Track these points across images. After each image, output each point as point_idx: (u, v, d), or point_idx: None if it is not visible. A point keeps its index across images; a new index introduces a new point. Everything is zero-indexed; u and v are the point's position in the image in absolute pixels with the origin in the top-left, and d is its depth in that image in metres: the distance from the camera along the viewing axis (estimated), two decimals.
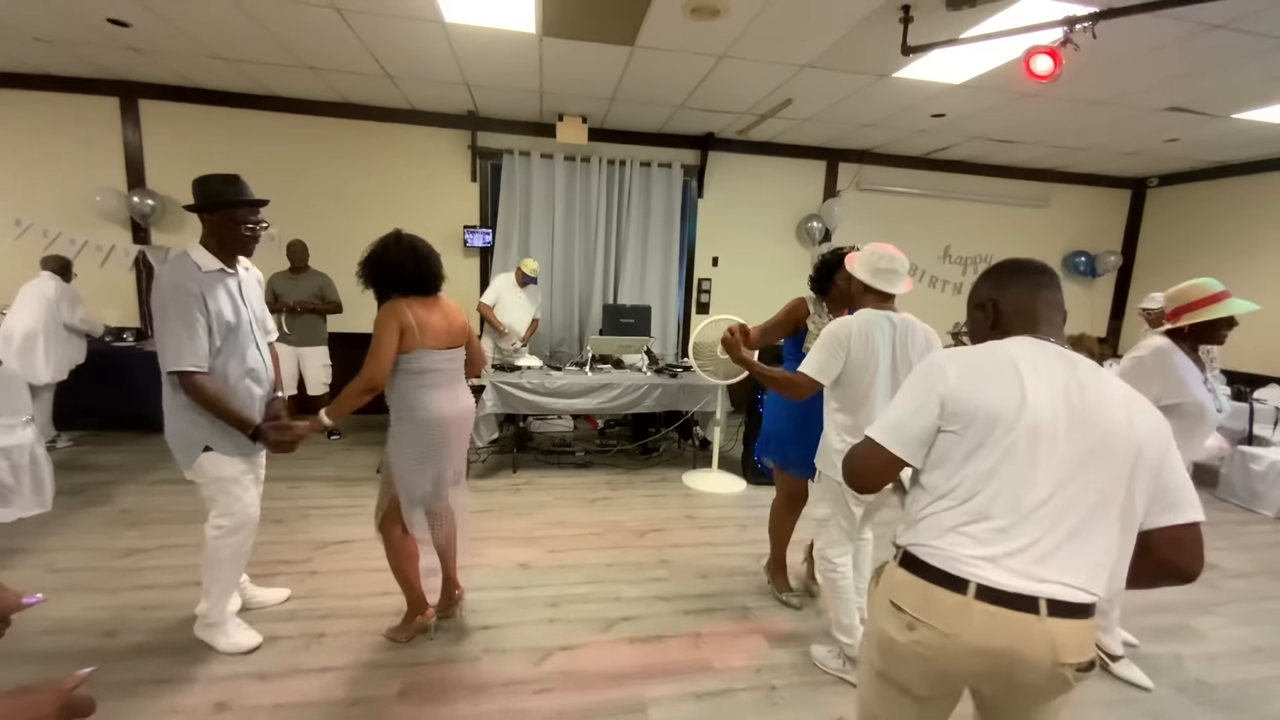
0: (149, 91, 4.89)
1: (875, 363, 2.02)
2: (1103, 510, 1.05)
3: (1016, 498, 1.05)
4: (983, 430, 1.09)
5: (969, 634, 1.03)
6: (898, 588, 1.13)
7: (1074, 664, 1.02)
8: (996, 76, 3.75)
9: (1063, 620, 1.01)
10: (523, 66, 4.08)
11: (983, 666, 1.04)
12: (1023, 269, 1.24)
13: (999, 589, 1.02)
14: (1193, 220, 6.22)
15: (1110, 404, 1.08)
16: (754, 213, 6.04)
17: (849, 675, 2.20)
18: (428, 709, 1.96)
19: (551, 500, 3.85)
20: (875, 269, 2.09)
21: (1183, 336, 2.14)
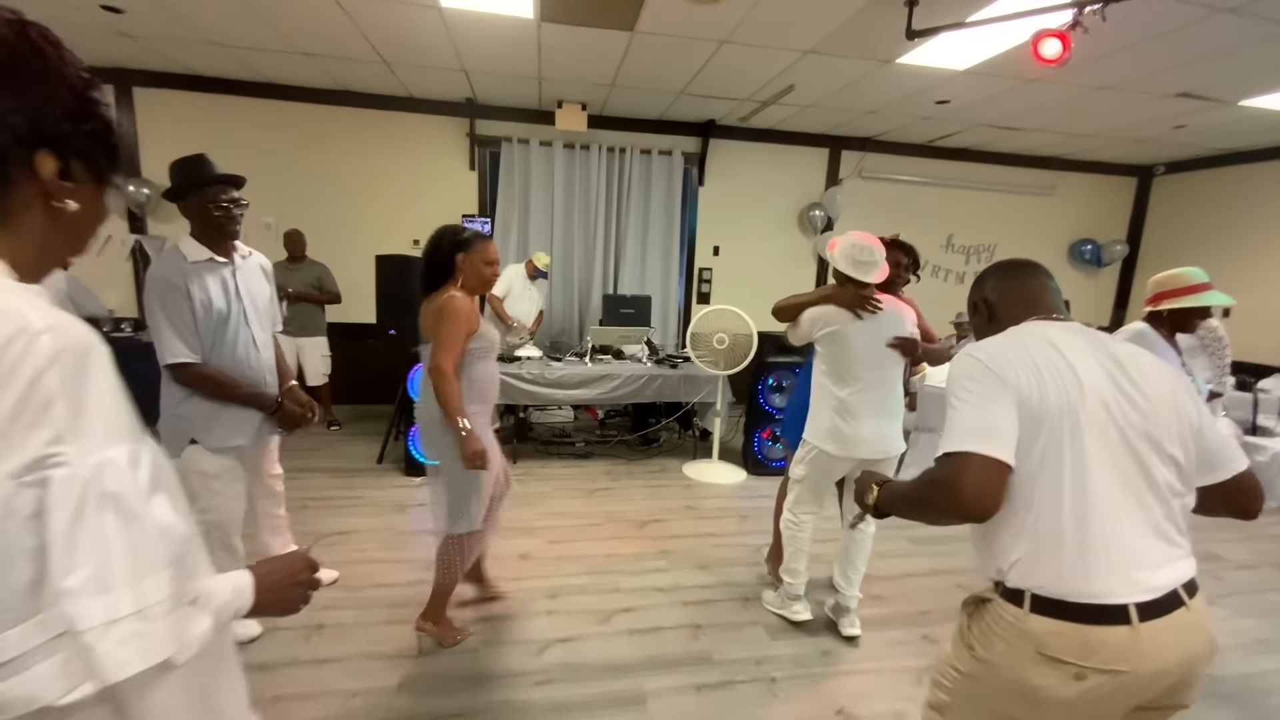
0: (143, 79, 4.83)
1: (850, 344, 2.23)
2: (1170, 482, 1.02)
3: (1118, 496, 0.96)
4: (1058, 425, 0.98)
5: (1146, 662, 0.92)
6: (1047, 638, 0.95)
7: (1215, 641, 0.99)
8: (1003, 61, 3.69)
9: (1198, 598, 0.98)
10: (521, 52, 4.02)
11: (1163, 686, 0.95)
12: (1009, 265, 1.27)
13: (1150, 600, 0.93)
14: (1199, 208, 6.15)
15: (1151, 374, 1.06)
16: (755, 201, 5.98)
17: (787, 613, 2.47)
18: (427, 700, 1.96)
19: (551, 491, 3.84)
20: (855, 260, 2.24)
21: (1161, 321, 2.22)
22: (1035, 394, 0.99)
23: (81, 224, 0.68)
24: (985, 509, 0.96)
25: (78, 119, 0.64)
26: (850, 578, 2.39)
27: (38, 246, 0.64)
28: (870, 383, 2.23)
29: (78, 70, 0.66)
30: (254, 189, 5.71)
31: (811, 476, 2.37)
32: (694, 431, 4.92)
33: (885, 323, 2.25)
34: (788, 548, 2.46)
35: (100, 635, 0.54)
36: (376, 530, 3.17)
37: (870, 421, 2.23)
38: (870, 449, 2.25)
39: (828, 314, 2.26)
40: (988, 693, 1.04)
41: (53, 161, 0.62)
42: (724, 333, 4.14)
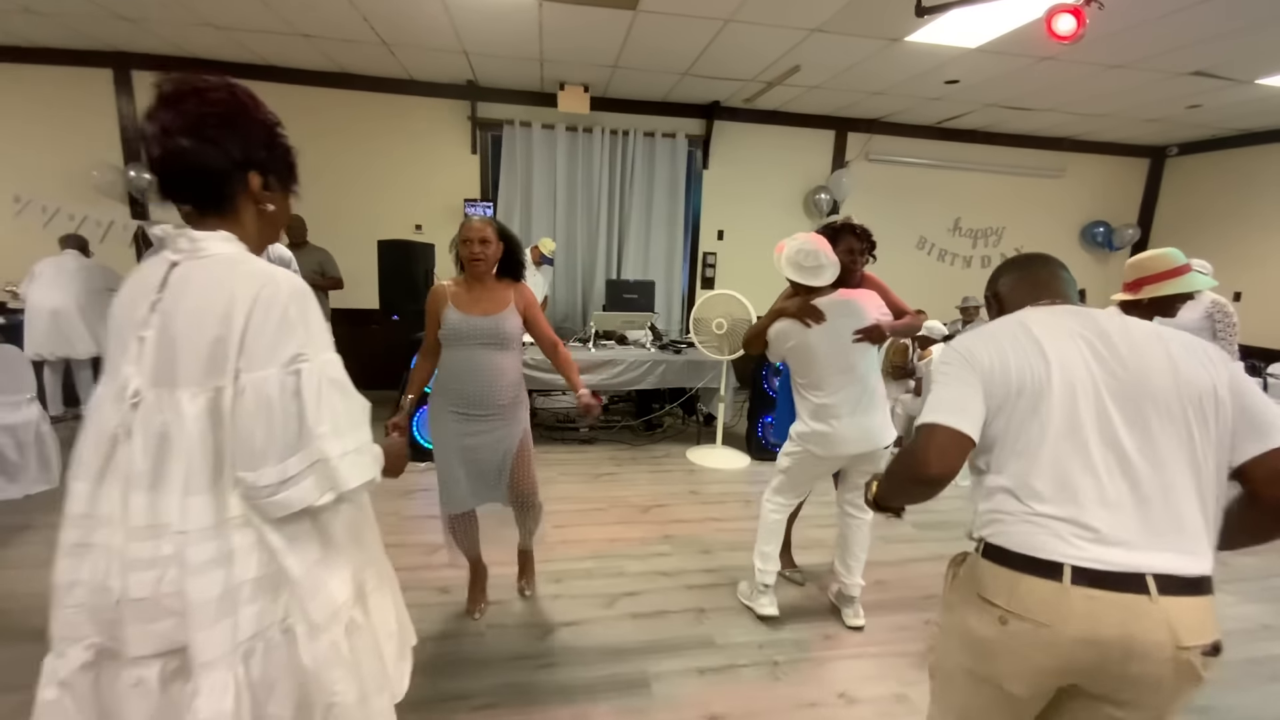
0: (142, 62, 4.78)
1: (816, 351, 2.21)
2: (1176, 462, 0.96)
3: (1080, 464, 0.97)
4: (1019, 402, 1.03)
5: (1070, 624, 0.92)
6: (984, 580, 1.02)
7: (1199, 647, 0.90)
8: (1014, 39, 3.61)
9: (1179, 598, 0.90)
10: (522, 33, 3.96)
11: (1090, 660, 0.93)
12: (1018, 259, 1.28)
13: (1097, 569, 0.91)
14: (1213, 190, 6.05)
15: (1142, 344, 1.02)
16: (760, 184, 5.92)
17: (755, 606, 2.41)
18: (434, 682, 1.98)
19: (555, 476, 3.85)
20: (800, 266, 2.21)
21: (1139, 307, 2.13)
22: (998, 375, 1.05)
23: (277, 219, 1.03)
24: (942, 473, 1.03)
25: (270, 148, 0.99)
26: (850, 565, 2.38)
27: (254, 234, 0.98)
28: (843, 383, 2.20)
29: (267, 115, 1.01)
30: None
31: (794, 472, 2.37)
32: (697, 417, 4.92)
33: (844, 319, 2.20)
34: (762, 529, 2.43)
35: (339, 461, 0.88)
36: (381, 515, 3.15)
37: (851, 419, 2.20)
38: (855, 446, 2.22)
39: (784, 330, 2.26)
40: (953, 646, 1.10)
41: (258, 178, 0.97)
42: (723, 317, 4.12)
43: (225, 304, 0.85)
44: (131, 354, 0.87)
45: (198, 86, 0.92)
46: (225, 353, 0.85)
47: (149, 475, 0.85)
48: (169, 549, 0.84)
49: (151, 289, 0.89)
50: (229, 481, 0.87)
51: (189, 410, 0.85)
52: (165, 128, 0.90)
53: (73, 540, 0.88)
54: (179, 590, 0.84)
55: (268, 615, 0.90)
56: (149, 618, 0.85)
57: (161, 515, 0.85)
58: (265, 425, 0.85)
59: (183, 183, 0.93)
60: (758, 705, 1.96)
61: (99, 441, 0.88)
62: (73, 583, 0.88)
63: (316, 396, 0.87)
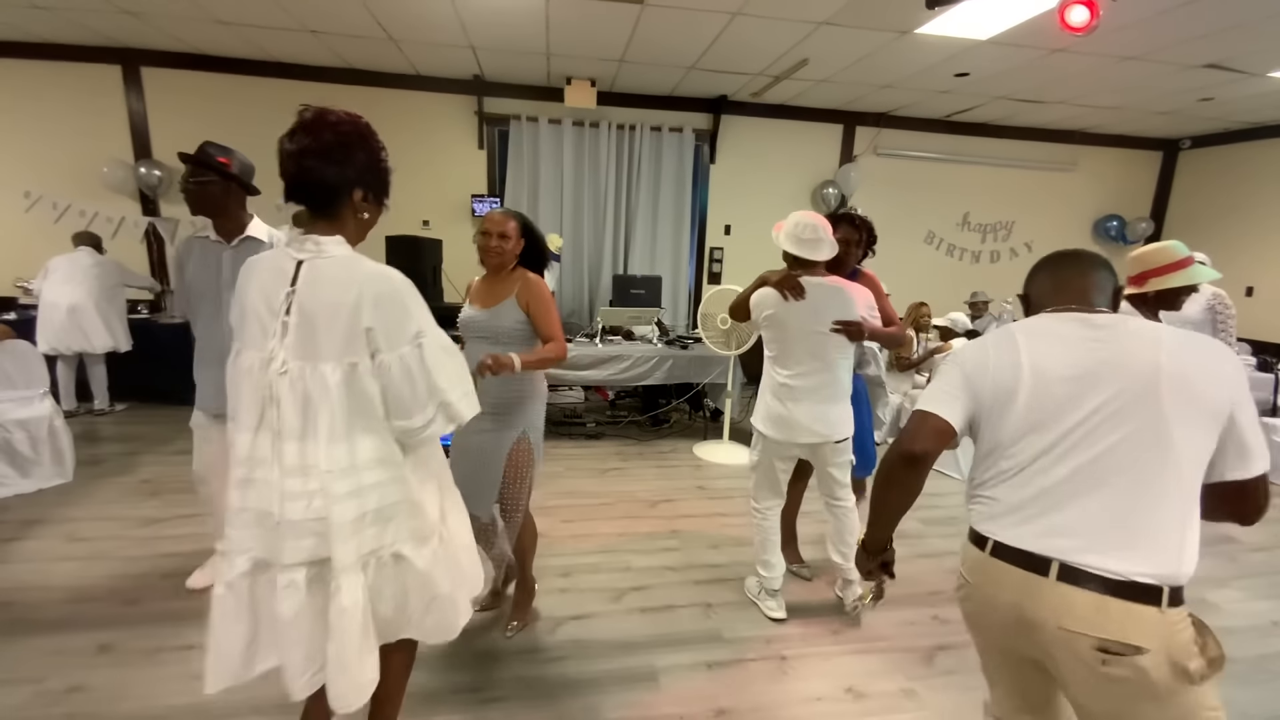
0: (151, 59, 4.81)
1: (789, 327, 2.21)
2: (1143, 472, 0.99)
3: (1035, 463, 1.08)
4: (995, 404, 1.14)
5: (984, 585, 1.12)
6: (962, 551, 1.22)
7: (1085, 635, 0.97)
8: (1026, 31, 3.57)
9: (1080, 589, 0.98)
10: (529, 27, 3.95)
11: (1000, 621, 1.11)
12: (1053, 257, 1.27)
13: (1009, 546, 1.08)
14: (1226, 184, 5.98)
15: (1130, 354, 1.04)
16: (768, 179, 5.89)
17: (763, 605, 2.41)
18: (443, 675, 1.99)
19: (563, 470, 3.86)
20: (799, 239, 2.18)
21: (1144, 301, 2.07)
22: (983, 383, 1.16)
23: (369, 224, 1.29)
24: (923, 450, 1.17)
25: (374, 171, 1.23)
26: (844, 552, 2.39)
27: (351, 234, 1.23)
28: (811, 367, 2.19)
29: (376, 144, 1.23)
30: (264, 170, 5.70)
31: (762, 463, 2.36)
32: (704, 412, 4.91)
33: (826, 305, 2.16)
34: (756, 538, 2.43)
35: (457, 403, 1.22)
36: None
37: (809, 405, 2.20)
38: (808, 433, 2.21)
39: (764, 297, 2.24)
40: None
41: (360, 192, 1.21)
42: (725, 313, 4.10)
43: (355, 299, 1.12)
44: (276, 334, 1.14)
45: (330, 119, 1.17)
46: (359, 337, 1.13)
47: (299, 428, 1.13)
48: (316, 484, 1.13)
49: (284, 282, 1.15)
50: (359, 432, 1.16)
51: (331, 379, 1.13)
52: (302, 149, 1.15)
53: (239, 476, 1.17)
54: (324, 515, 1.13)
55: (381, 539, 1.21)
56: (299, 535, 1.15)
57: (309, 458, 1.13)
58: (410, 387, 1.16)
59: (307, 191, 1.17)
60: (765, 699, 1.97)
61: (253, 402, 1.16)
62: (242, 508, 1.17)
63: (436, 361, 1.18)
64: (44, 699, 1.83)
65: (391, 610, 1.26)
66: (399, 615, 1.27)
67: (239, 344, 1.20)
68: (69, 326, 4.17)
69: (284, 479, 1.13)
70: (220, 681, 1.21)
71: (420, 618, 1.29)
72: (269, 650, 1.23)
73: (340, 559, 1.15)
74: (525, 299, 1.97)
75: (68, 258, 4.27)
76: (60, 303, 4.14)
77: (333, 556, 1.15)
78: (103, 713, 1.79)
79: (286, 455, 1.13)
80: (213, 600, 1.20)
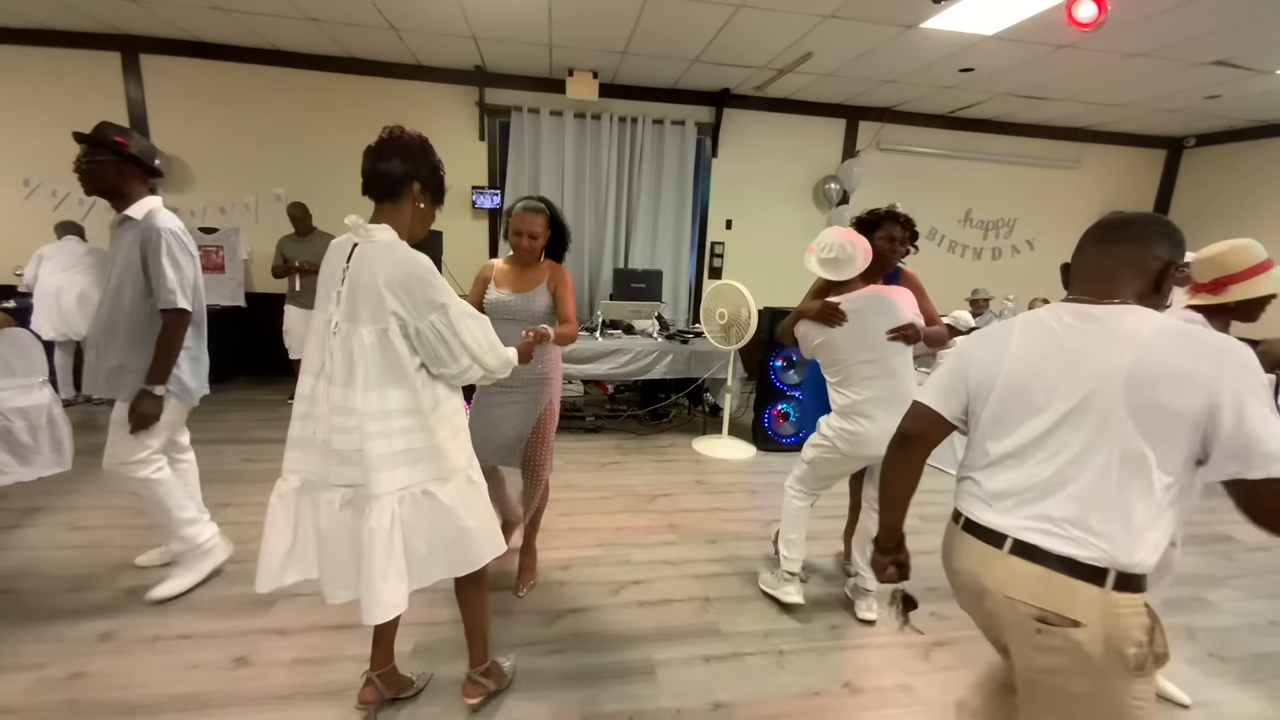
0: (150, 46, 4.77)
1: (838, 348, 2.20)
2: (1106, 473, 1.03)
3: (1007, 452, 1.16)
4: (979, 396, 1.23)
5: (954, 557, 1.25)
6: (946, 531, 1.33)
7: (1025, 603, 1.06)
8: (1033, 26, 3.54)
9: (1026, 562, 1.07)
10: (531, 18, 3.92)
11: (966, 586, 1.22)
12: (1099, 225, 1.19)
13: (976, 522, 1.18)
14: (1230, 183, 5.96)
15: (1105, 352, 1.05)
16: (770, 173, 5.87)
17: (779, 594, 2.39)
18: (440, 666, 2.00)
19: (561, 464, 3.86)
20: (822, 260, 2.20)
21: (1223, 312, 1.78)
22: (969, 372, 1.25)
23: (426, 218, 1.58)
24: (914, 433, 1.31)
25: (431, 170, 1.53)
26: (869, 557, 2.31)
27: (408, 223, 1.52)
28: (873, 381, 2.15)
29: (433, 155, 1.54)
30: (264, 158, 5.70)
31: (819, 465, 2.33)
32: (704, 407, 4.91)
33: (874, 318, 2.15)
34: (787, 516, 2.40)
35: (482, 356, 1.51)
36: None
37: (883, 419, 2.12)
38: (883, 446, 2.16)
39: (809, 331, 2.26)
40: None
41: (419, 187, 1.51)
42: (725, 308, 4.10)
43: (384, 279, 1.40)
44: (333, 301, 1.46)
45: (401, 131, 1.50)
46: (387, 309, 1.40)
47: (343, 376, 1.43)
48: (354, 422, 1.41)
49: (342, 259, 1.46)
50: (390, 385, 1.43)
51: (367, 340, 1.41)
52: (379, 147, 1.48)
53: (301, 410, 1.49)
54: (360, 448, 1.41)
55: (412, 477, 1.47)
56: (342, 462, 1.44)
57: (349, 401, 1.41)
58: (442, 345, 1.46)
59: (378, 179, 1.48)
60: (763, 694, 1.98)
61: (317, 353, 1.47)
62: (300, 436, 1.50)
63: (461, 323, 1.47)
64: (45, 686, 1.84)
65: (424, 543, 1.50)
66: (430, 549, 1.51)
67: (318, 305, 1.52)
68: (69, 312, 4.17)
69: (332, 415, 1.44)
70: (267, 583, 1.50)
71: (450, 549, 1.54)
72: (302, 563, 1.53)
73: (374, 487, 1.43)
74: (554, 284, 2.27)
75: (59, 245, 4.27)
76: (67, 288, 4.16)
77: (368, 484, 1.43)
78: (104, 700, 1.80)
79: (334, 397, 1.44)
80: (268, 509, 1.52)
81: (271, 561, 1.50)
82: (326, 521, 1.47)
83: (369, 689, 1.78)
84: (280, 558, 1.50)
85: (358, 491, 1.46)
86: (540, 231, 2.20)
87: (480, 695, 1.82)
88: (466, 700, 1.81)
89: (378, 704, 1.80)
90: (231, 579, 2.43)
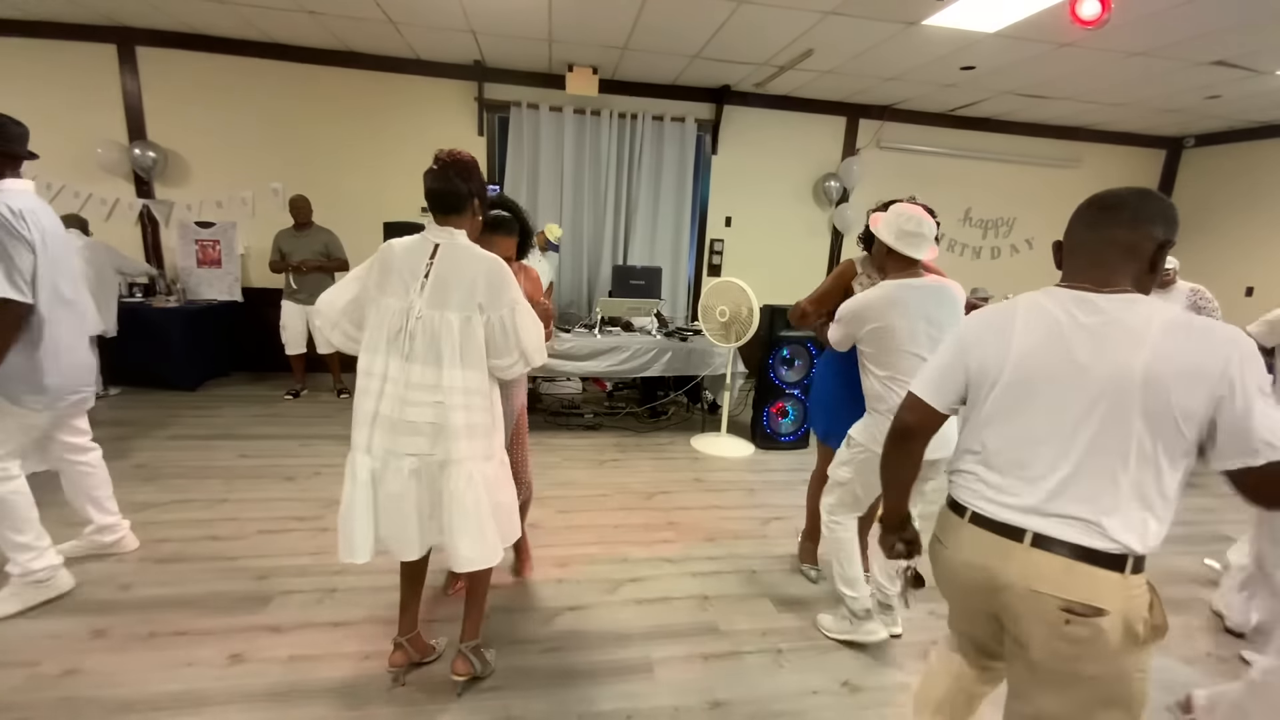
0: (146, 38, 4.73)
1: (896, 336, 1.96)
2: (1114, 454, 1.05)
3: (1015, 445, 1.15)
4: (981, 384, 1.22)
5: (961, 550, 1.21)
6: (938, 518, 1.32)
7: (1053, 596, 1.05)
8: (1036, 24, 3.52)
9: (1048, 554, 1.07)
10: (531, 12, 3.89)
11: (975, 580, 1.18)
12: (1092, 204, 1.19)
13: (988, 517, 1.16)
14: (1229, 183, 5.96)
15: (1115, 351, 1.05)
16: (770, 171, 5.85)
17: (859, 636, 2.17)
18: (439, 664, 1.99)
19: (560, 461, 3.86)
20: (901, 231, 1.98)
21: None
22: (975, 357, 1.23)
23: (476, 228, 1.80)
24: (911, 428, 1.33)
25: (482, 187, 1.77)
26: (894, 575, 2.18)
27: (469, 230, 1.75)
28: None
29: (479, 169, 1.77)
30: (261, 152, 5.66)
31: (857, 481, 2.10)
32: (702, 405, 4.91)
33: (938, 310, 1.96)
34: (836, 551, 2.17)
35: (532, 353, 1.74)
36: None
37: None
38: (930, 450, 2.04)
39: (863, 308, 2.00)
40: None
41: (477, 201, 1.75)
42: (726, 305, 4.08)
43: (473, 273, 1.64)
44: (415, 290, 1.64)
45: (458, 154, 1.73)
46: (473, 299, 1.64)
47: (425, 355, 1.62)
48: (435, 397, 1.63)
49: (425, 256, 1.66)
50: (468, 366, 1.65)
51: (454, 324, 1.63)
52: (444, 171, 1.69)
53: (373, 388, 1.65)
54: (436, 420, 1.63)
55: (473, 449, 1.68)
56: (414, 433, 1.64)
57: (431, 379, 1.62)
58: (504, 338, 1.68)
59: (446, 199, 1.69)
60: (761, 692, 1.97)
61: (392, 334, 1.64)
62: (371, 411, 1.65)
63: (523, 322, 1.69)
64: (39, 683, 1.83)
65: (489, 507, 1.72)
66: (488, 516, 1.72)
67: (379, 294, 1.68)
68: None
69: (408, 391, 1.62)
70: (363, 554, 1.69)
71: (493, 521, 1.72)
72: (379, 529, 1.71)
73: (453, 453, 1.64)
74: (526, 288, 2.23)
75: None
76: None
77: (448, 451, 1.64)
78: (97, 696, 1.78)
79: (413, 374, 1.62)
80: (346, 485, 1.69)
81: (359, 537, 1.67)
82: (399, 487, 1.65)
83: (399, 653, 1.90)
84: (365, 530, 1.68)
85: (423, 460, 1.65)
86: (513, 254, 2.12)
87: (468, 673, 1.88)
88: (454, 675, 1.87)
89: (406, 667, 1.92)
90: (226, 575, 2.42)
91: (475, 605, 1.91)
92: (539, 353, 1.75)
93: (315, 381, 5.00)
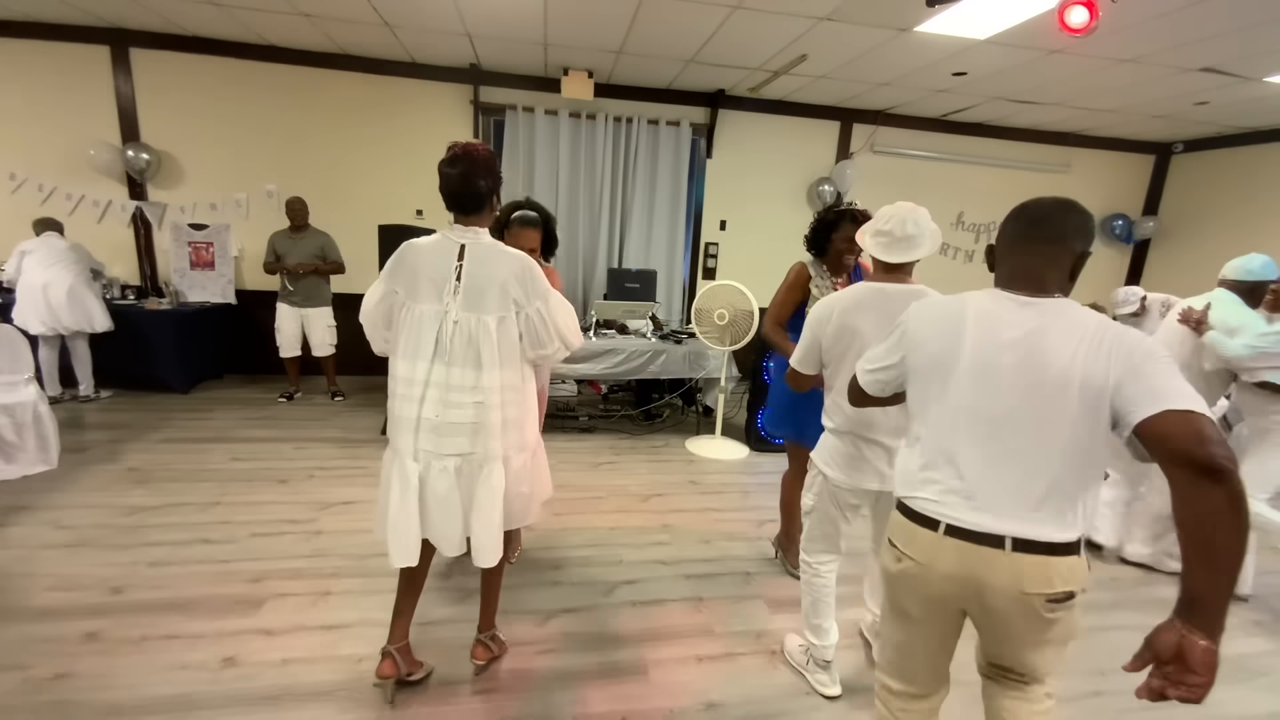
0: (140, 40, 4.71)
1: (853, 344, 1.77)
2: (1055, 448, 1.12)
3: (970, 444, 1.18)
4: (929, 380, 1.25)
5: (940, 564, 1.20)
6: (893, 527, 1.31)
7: (1041, 594, 1.12)
8: (1025, 31, 3.57)
9: (1030, 555, 1.13)
10: (526, 16, 3.91)
11: (955, 590, 1.20)
12: (1023, 214, 1.24)
13: (964, 527, 1.17)
14: (1217, 188, 6.03)
15: (1055, 345, 1.12)
16: (764, 174, 5.88)
17: (811, 678, 2.02)
18: (439, 666, 1.99)
19: (555, 464, 3.77)
20: (875, 231, 1.80)
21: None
22: (922, 352, 1.27)
23: (494, 221, 1.81)
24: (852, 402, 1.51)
25: (498, 180, 1.73)
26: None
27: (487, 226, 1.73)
28: None
29: (496, 161, 1.74)
30: (255, 155, 5.64)
31: (819, 510, 1.94)
32: (697, 407, 4.92)
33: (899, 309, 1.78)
34: (806, 597, 2.01)
35: (570, 337, 1.81)
36: None
37: (891, 441, 1.78)
38: (885, 479, 1.79)
39: (823, 311, 1.80)
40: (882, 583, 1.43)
41: (494, 197, 1.73)
42: (725, 308, 4.10)
43: (505, 272, 1.65)
44: (448, 293, 1.65)
45: (476, 148, 1.69)
46: (509, 297, 1.66)
47: (464, 358, 1.64)
48: (477, 398, 1.66)
49: (453, 258, 1.66)
50: (504, 365, 1.67)
51: (491, 326, 1.65)
52: (464, 171, 1.65)
53: (408, 394, 1.67)
54: (475, 420, 1.66)
55: (510, 443, 1.74)
56: (455, 434, 1.67)
57: (470, 380, 1.65)
58: (544, 329, 1.71)
59: (471, 199, 1.67)
60: (756, 694, 1.98)
61: (428, 339, 1.65)
62: (408, 417, 1.68)
63: (558, 311, 1.74)
64: (30, 686, 1.81)
65: (521, 498, 1.80)
66: (505, 504, 1.76)
67: (410, 300, 1.67)
68: (55, 307, 4.12)
69: (448, 393, 1.65)
70: (409, 558, 1.71)
71: (509, 507, 1.77)
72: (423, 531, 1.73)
73: (494, 450, 1.70)
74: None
75: (41, 240, 4.22)
76: (55, 282, 4.13)
77: (488, 448, 1.69)
78: (89, 700, 1.77)
79: (452, 377, 1.64)
80: (390, 489, 1.70)
81: (413, 539, 1.70)
82: (445, 488, 1.69)
83: (388, 662, 1.83)
84: (418, 533, 1.71)
85: (465, 459, 1.69)
86: (537, 245, 2.30)
87: (487, 658, 1.98)
88: (474, 660, 1.96)
89: (395, 679, 1.83)
90: (219, 578, 2.41)
91: (492, 594, 1.98)
92: (576, 335, 1.81)
93: (309, 384, 4.97)
